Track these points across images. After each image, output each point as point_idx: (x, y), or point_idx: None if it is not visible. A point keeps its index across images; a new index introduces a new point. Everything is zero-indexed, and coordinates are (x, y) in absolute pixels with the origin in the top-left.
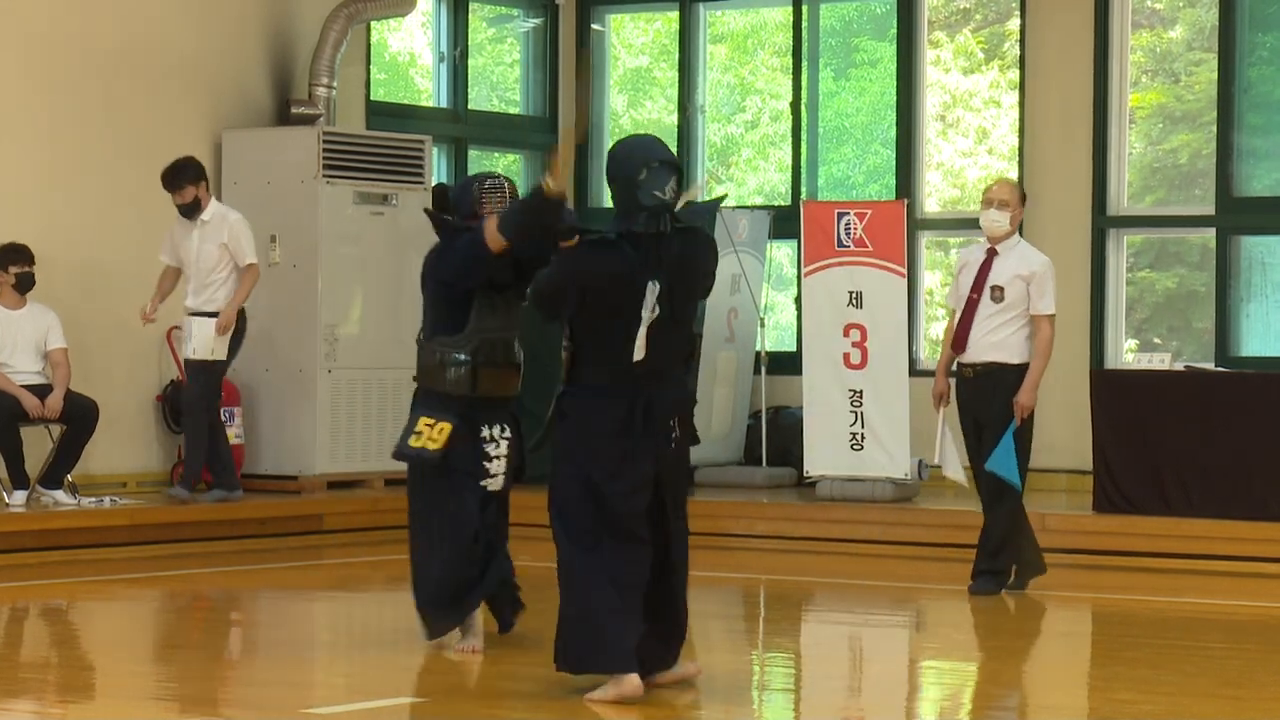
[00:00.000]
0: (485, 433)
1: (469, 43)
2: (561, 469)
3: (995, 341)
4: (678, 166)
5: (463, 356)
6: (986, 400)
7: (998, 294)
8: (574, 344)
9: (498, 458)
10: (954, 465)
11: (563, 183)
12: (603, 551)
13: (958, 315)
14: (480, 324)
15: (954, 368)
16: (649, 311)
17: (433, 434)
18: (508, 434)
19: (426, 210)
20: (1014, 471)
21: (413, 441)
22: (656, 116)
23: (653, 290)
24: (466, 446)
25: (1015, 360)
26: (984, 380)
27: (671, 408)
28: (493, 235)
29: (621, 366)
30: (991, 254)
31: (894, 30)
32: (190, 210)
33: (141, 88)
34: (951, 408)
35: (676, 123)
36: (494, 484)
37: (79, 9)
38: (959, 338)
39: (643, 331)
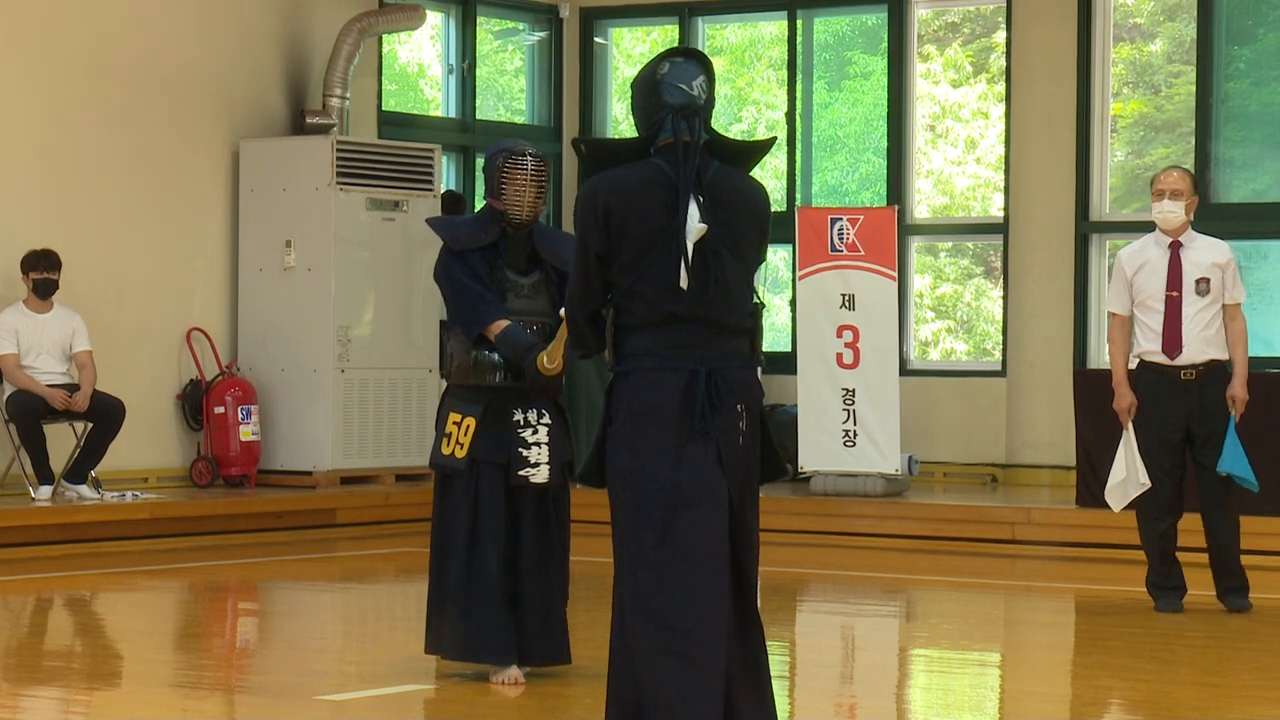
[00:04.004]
0: (519, 417)
1: (476, 55)
2: (614, 484)
3: (1209, 337)
4: (708, 64)
5: (499, 357)
6: (1202, 403)
7: (1204, 286)
8: (614, 308)
9: (537, 444)
10: (1144, 474)
11: (558, 365)
12: (667, 590)
13: (1158, 316)
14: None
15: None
16: (694, 224)
17: (460, 435)
18: (547, 420)
19: (428, 220)
20: (1249, 469)
21: (444, 448)
22: None
23: (695, 206)
24: (493, 433)
25: (1225, 355)
26: (1204, 380)
27: (738, 389)
28: (492, 335)
29: (674, 328)
30: (1176, 246)
31: (885, 44)
32: None
33: (162, 99)
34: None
35: None
36: (537, 475)
37: (103, 25)
38: (1170, 340)
39: (690, 245)
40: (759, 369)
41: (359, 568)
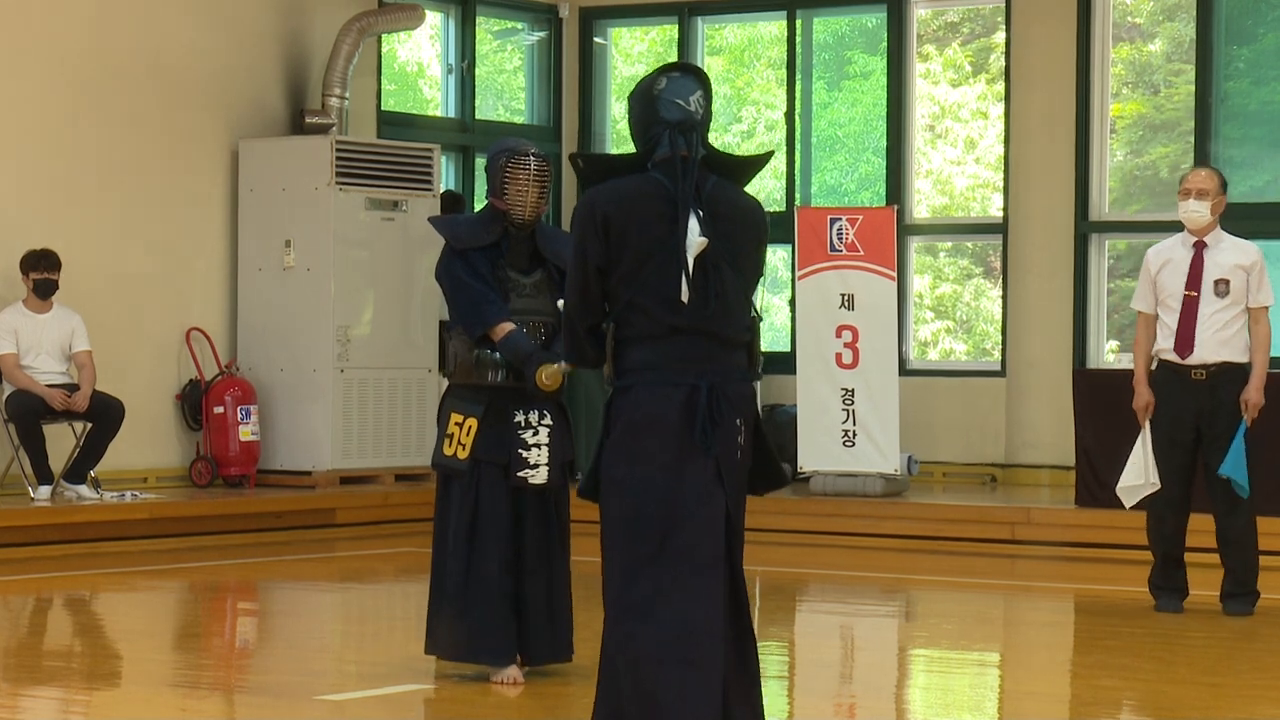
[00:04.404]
0: (519, 418)
1: (476, 54)
2: (609, 495)
3: (1225, 339)
4: (705, 79)
5: (501, 355)
6: (1213, 403)
7: (1222, 288)
8: (614, 319)
9: (537, 445)
10: (1155, 474)
11: (555, 383)
12: (666, 596)
13: (1175, 315)
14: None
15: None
16: (694, 237)
17: (462, 435)
18: (548, 421)
19: (431, 218)
20: (1245, 475)
21: (446, 449)
22: None
23: (695, 220)
24: (494, 433)
25: (1243, 358)
26: (1215, 382)
27: (737, 403)
28: (496, 337)
29: (675, 341)
30: (1200, 246)
31: (885, 44)
32: None
33: (162, 99)
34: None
35: None
36: (536, 476)
37: (103, 25)
38: (1183, 339)
39: (690, 260)
40: (756, 382)
41: (359, 568)
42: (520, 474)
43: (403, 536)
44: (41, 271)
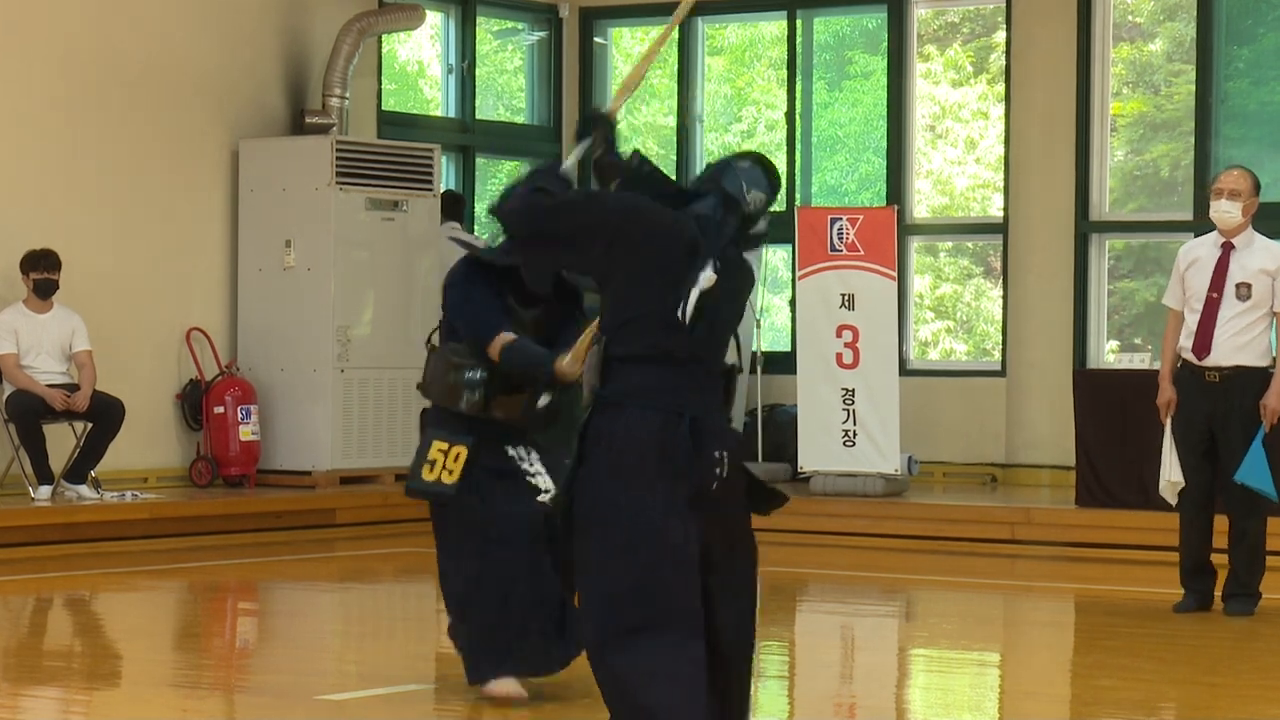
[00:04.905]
0: (512, 451)
1: (476, 54)
2: (587, 517)
3: (1242, 343)
4: (777, 187)
5: (479, 375)
6: (1226, 407)
7: (1244, 291)
8: (609, 339)
9: (539, 473)
10: (1178, 471)
11: (577, 368)
12: (653, 636)
13: (1196, 316)
14: None
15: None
16: (709, 271)
17: (448, 462)
18: (536, 453)
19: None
20: (1269, 481)
21: (426, 474)
22: (654, 121)
23: (711, 265)
24: (493, 451)
25: (1262, 363)
26: (1229, 385)
27: (719, 435)
28: (495, 348)
29: (666, 367)
30: (1228, 248)
31: (885, 44)
32: None
33: (163, 99)
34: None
35: (675, 130)
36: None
37: (104, 26)
38: (1201, 340)
39: (697, 291)
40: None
41: (359, 568)
42: (539, 499)
43: (403, 536)
44: (42, 271)
